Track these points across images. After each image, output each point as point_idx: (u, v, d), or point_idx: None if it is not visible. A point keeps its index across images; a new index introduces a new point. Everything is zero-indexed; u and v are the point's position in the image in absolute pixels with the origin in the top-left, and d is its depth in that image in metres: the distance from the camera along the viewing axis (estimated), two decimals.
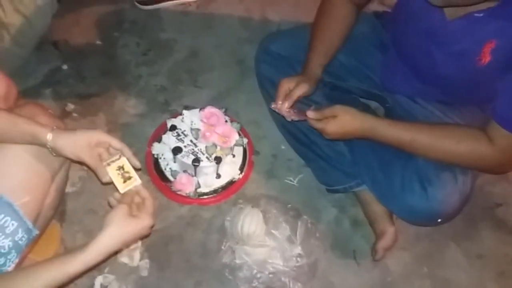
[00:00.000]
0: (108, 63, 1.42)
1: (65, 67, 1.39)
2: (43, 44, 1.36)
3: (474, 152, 0.93)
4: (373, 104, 1.25)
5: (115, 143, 0.83)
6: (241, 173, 1.22)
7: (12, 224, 0.80)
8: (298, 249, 1.15)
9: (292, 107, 1.02)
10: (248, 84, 1.37)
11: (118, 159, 0.84)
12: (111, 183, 0.84)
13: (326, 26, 1.10)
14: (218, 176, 1.20)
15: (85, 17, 1.47)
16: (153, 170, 1.20)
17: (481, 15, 0.85)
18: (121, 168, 0.84)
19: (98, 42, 1.44)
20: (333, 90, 1.19)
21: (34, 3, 1.10)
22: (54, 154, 0.81)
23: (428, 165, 1.02)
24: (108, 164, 0.83)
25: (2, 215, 0.79)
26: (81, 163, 0.83)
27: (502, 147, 0.90)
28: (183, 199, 1.19)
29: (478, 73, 0.91)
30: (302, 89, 1.02)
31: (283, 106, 1.02)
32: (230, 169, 1.21)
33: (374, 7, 1.38)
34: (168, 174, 1.19)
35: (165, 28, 1.48)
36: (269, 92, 1.21)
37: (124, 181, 0.83)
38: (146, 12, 1.49)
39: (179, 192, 1.18)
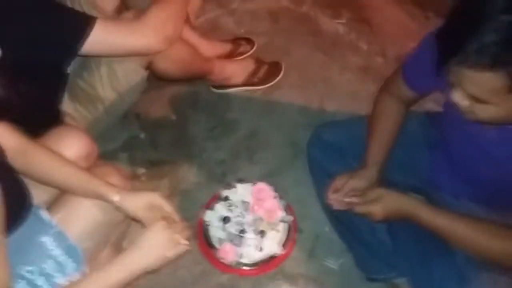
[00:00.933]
0: (179, 135, 1.61)
1: (142, 135, 1.60)
2: (127, 114, 1.58)
3: (505, 249, 0.92)
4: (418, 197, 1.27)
5: (167, 207, 0.95)
6: (283, 249, 1.28)
7: (71, 267, 0.92)
8: None
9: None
10: (299, 165, 1.46)
11: None
12: None
13: (379, 126, 1.16)
14: (261, 249, 1.27)
15: (166, 94, 1.71)
16: (202, 236, 1.31)
17: None
18: None
19: (173, 117, 1.65)
20: (380, 183, 1.25)
21: (128, 83, 1.32)
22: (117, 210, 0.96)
23: (468, 264, 1.01)
24: None
25: (66, 256, 0.92)
26: (137, 220, 0.96)
27: None
28: (225, 267, 1.26)
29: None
30: (352, 184, 1.07)
31: (333, 196, 1.08)
32: (273, 244, 1.28)
33: (428, 106, 1.45)
34: (214, 241, 1.28)
35: (232, 109, 1.66)
36: (317, 176, 1.30)
37: None
38: (218, 94, 1.70)
39: (222, 260, 1.26)
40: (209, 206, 1.35)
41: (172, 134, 1.61)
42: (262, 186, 1.27)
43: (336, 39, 1.92)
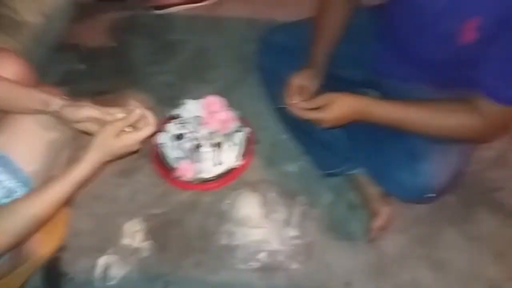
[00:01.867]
0: (121, 63, 1.52)
1: (82, 66, 1.50)
2: (63, 46, 1.47)
3: (463, 124, 0.93)
4: (369, 92, 1.28)
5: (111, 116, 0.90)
6: (242, 160, 1.27)
7: (22, 191, 0.87)
8: (294, 231, 1.18)
9: None
10: (252, 79, 1.43)
11: None
12: None
13: (326, 20, 1.14)
14: (220, 163, 1.25)
15: (103, 22, 1.59)
16: (158, 158, 1.27)
17: None
18: None
19: (113, 44, 1.55)
20: (329, 79, 1.23)
21: (54, 4, 1.21)
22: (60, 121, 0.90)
23: (417, 142, 1.04)
24: None
25: (14, 181, 0.86)
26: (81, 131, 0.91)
27: (490, 117, 0.90)
28: (184, 185, 1.24)
29: (463, 52, 0.93)
30: (316, 85, 1.06)
31: (299, 104, 1.03)
32: (231, 156, 1.26)
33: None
34: (171, 161, 1.25)
35: (175, 30, 1.58)
36: (269, 83, 1.27)
37: None
38: (158, 16, 1.60)
39: (180, 178, 1.24)
40: (160, 129, 1.31)
41: (114, 63, 1.51)
42: (213, 98, 1.23)
43: None
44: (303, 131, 1.24)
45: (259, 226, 1.17)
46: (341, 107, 0.99)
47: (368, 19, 1.22)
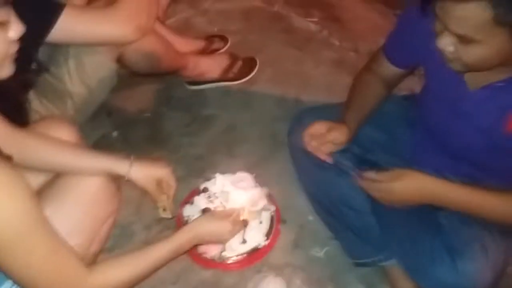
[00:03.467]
0: (153, 132, 1.55)
1: (115, 134, 1.53)
2: (98, 113, 1.52)
3: None
4: None
5: (173, 183, 1.09)
6: (267, 240, 1.23)
7: None
8: None
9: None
10: (280, 157, 1.43)
11: None
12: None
13: (359, 96, 1.16)
14: (244, 241, 1.22)
15: (138, 92, 1.66)
16: None
17: (503, 84, 0.89)
18: None
19: (147, 114, 1.60)
20: (362, 163, 1.23)
21: (97, 77, 1.27)
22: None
23: (457, 237, 1.00)
24: None
25: None
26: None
27: None
28: (207, 263, 1.20)
29: (506, 143, 0.93)
30: (333, 135, 1.06)
31: (313, 143, 1.05)
32: (256, 235, 1.23)
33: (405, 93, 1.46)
34: None
35: (208, 105, 1.62)
36: (299, 162, 1.27)
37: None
38: (192, 91, 1.66)
39: (203, 255, 1.20)
40: (188, 201, 1.30)
41: (146, 132, 1.55)
42: (242, 174, 1.23)
43: (309, 36, 1.93)
44: (332, 214, 1.22)
45: None
46: (413, 182, 0.97)
47: (401, 106, 1.25)
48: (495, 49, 0.78)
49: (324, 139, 1.07)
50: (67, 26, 1.10)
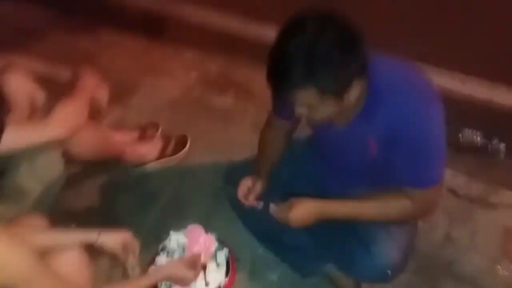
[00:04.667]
0: (108, 218, 1.72)
1: (73, 226, 1.67)
2: (54, 209, 1.67)
3: (401, 209, 1.20)
4: None
5: (136, 245, 1.27)
6: (226, 277, 1.41)
7: None
8: None
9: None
10: (223, 209, 1.65)
11: None
12: None
13: (264, 152, 1.46)
14: (207, 283, 1.39)
15: (88, 186, 1.84)
16: None
17: (357, 123, 1.16)
18: None
19: (99, 203, 1.78)
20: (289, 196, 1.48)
21: (51, 174, 1.46)
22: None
23: (366, 231, 1.26)
24: None
25: None
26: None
27: (419, 201, 1.17)
28: None
29: (375, 160, 1.20)
30: (259, 185, 1.34)
31: (250, 199, 1.33)
32: (217, 276, 1.41)
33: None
34: None
35: (153, 182, 1.84)
36: (237, 207, 1.51)
37: None
38: (137, 174, 1.88)
39: None
40: (151, 263, 1.45)
41: (101, 219, 1.71)
42: (193, 226, 1.44)
43: (228, 109, 2.26)
44: (275, 242, 1.44)
45: None
46: (302, 210, 1.23)
47: (304, 146, 1.55)
48: (333, 107, 1.07)
49: (252, 192, 1.35)
50: (11, 140, 1.31)
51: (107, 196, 1.80)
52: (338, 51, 0.98)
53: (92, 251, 1.21)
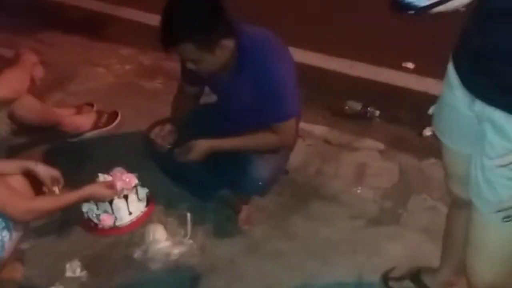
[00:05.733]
0: None
1: None
2: None
3: (271, 143, 1.65)
4: None
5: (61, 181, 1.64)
6: (146, 207, 1.81)
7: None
8: (191, 239, 1.70)
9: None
10: (146, 164, 2.00)
11: None
12: None
13: (176, 109, 1.87)
14: (130, 213, 1.78)
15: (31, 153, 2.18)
16: (84, 221, 1.77)
17: (235, 76, 1.60)
18: None
19: None
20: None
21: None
22: None
23: (245, 157, 1.69)
24: None
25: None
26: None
27: (281, 132, 1.62)
28: (106, 231, 1.73)
29: (251, 104, 1.62)
30: (168, 127, 1.75)
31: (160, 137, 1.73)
32: (138, 207, 1.80)
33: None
34: (94, 219, 1.75)
35: (87, 149, 2.20)
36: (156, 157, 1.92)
37: None
38: (72, 142, 2.23)
39: (103, 228, 1.73)
40: None
41: None
42: (118, 168, 1.82)
43: (156, 92, 2.66)
44: (180, 178, 1.86)
45: (167, 240, 1.68)
46: (198, 147, 1.65)
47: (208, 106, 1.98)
48: (211, 60, 1.51)
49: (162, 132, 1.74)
50: None
51: (48, 160, 2.13)
52: (207, 14, 1.43)
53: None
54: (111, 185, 1.69)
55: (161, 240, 1.68)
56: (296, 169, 1.98)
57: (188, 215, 1.74)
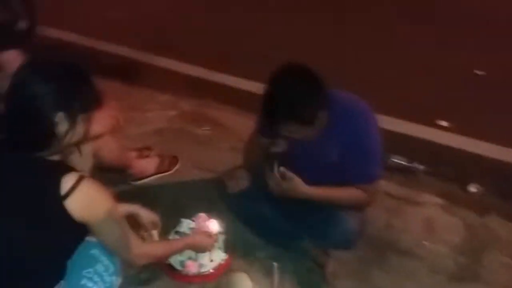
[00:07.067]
0: None
1: None
2: None
3: (361, 201, 1.71)
4: None
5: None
6: (226, 256, 1.79)
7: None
8: None
9: None
10: (216, 210, 2.02)
11: None
12: None
13: (247, 156, 1.98)
14: (211, 260, 1.75)
15: None
16: (166, 266, 1.72)
17: (322, 137, 1.64)
18: None
19: None
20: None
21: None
22: None
23: (331, 208, 1.73)
24: None
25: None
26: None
27: (369, 192, 1.68)
28: (191, 278, 1.70)
29: (334, 164, 1.68)
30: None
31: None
32: (219, 255, 1.77)
33: None
34: (177, 265, 1.71)
35: (150, 193, 2.19)
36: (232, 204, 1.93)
37: None
38: (137, 186, 2.22)
39: (187, 274, 1.69)
40: None
41: None
42: (201, 214, 1.82)
43: (207, 138, 2.70)
44: (259, 226, 1.87)
45: None
46: (298, 184, 1.64)
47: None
48: (308, 131, 1.57)
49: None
50: None
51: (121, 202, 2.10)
52: (310, 95, 1.51)
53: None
54: (209, 235, 1.68)
55: None
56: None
57: (275, 264, 1.72)
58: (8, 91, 1.16)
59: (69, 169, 1.17)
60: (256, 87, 2.94)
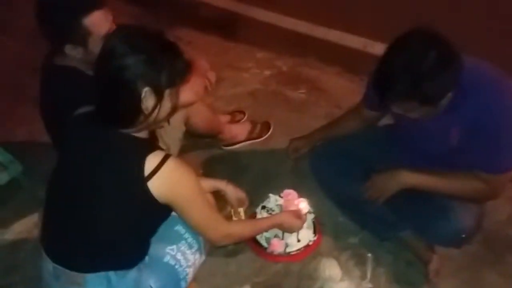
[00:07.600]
0: None
1: None
2: None
3: (481, 193, 1.40)
4: None
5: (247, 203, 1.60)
6: (314, 236, 1.67)
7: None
8: (369, 284, 1.53)
9: None
10: (305, 182, 1.89)
11: None
12: None
13: (339, 124, 1.81)
14: (298, 240, 1.65)
15: (190, 156, 2.14)
16: (252, 241, 1.66)
17: (441, 115, 1.33)
18: None
19: (201, 171, 2.07)
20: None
21: (174, 136, 1.71)
22: None
23: (443, 200, 1.49)
24: None
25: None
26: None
27: (493, 184, 1.38)
28: (277, 258, 1.62)
29: (453, 147, 1.39)
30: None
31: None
32: (306, 235, 1.67)
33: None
34: (262, 241, 1.65)
35: (241, 159, 2.13)
36: (325, 182, 1.78)
37: None
38: (228, 150, 2.17)
39: (273, 253, 1.62)
40: (253, 217, 1.72)
41: None
42: (289, 190, 1.71)
43: (302, 102, 2.53)
44: (356, 212, 1.69)
45: (342, 280, 1.52)
46: (399, 178, 1.47)
47: (384, 132, 1.79)
48: (428, 111, 1.29)
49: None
50: None
51: (207, 167, 2.09)
52: (438, 69, 1.18)
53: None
54: (299, 215, 1.57)
55: (336, 279, 1.54)
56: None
57: (369, 255, 1.57)
58: (96, 59, 1.11)
59: (154, 148, 1.11)
60: (365, 45, 2.65)
